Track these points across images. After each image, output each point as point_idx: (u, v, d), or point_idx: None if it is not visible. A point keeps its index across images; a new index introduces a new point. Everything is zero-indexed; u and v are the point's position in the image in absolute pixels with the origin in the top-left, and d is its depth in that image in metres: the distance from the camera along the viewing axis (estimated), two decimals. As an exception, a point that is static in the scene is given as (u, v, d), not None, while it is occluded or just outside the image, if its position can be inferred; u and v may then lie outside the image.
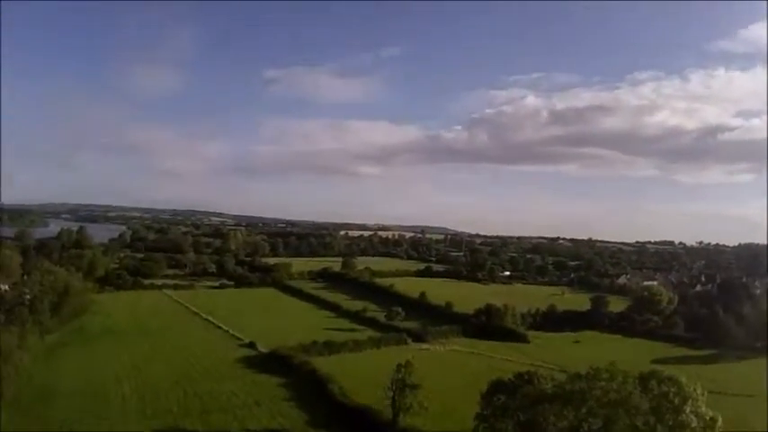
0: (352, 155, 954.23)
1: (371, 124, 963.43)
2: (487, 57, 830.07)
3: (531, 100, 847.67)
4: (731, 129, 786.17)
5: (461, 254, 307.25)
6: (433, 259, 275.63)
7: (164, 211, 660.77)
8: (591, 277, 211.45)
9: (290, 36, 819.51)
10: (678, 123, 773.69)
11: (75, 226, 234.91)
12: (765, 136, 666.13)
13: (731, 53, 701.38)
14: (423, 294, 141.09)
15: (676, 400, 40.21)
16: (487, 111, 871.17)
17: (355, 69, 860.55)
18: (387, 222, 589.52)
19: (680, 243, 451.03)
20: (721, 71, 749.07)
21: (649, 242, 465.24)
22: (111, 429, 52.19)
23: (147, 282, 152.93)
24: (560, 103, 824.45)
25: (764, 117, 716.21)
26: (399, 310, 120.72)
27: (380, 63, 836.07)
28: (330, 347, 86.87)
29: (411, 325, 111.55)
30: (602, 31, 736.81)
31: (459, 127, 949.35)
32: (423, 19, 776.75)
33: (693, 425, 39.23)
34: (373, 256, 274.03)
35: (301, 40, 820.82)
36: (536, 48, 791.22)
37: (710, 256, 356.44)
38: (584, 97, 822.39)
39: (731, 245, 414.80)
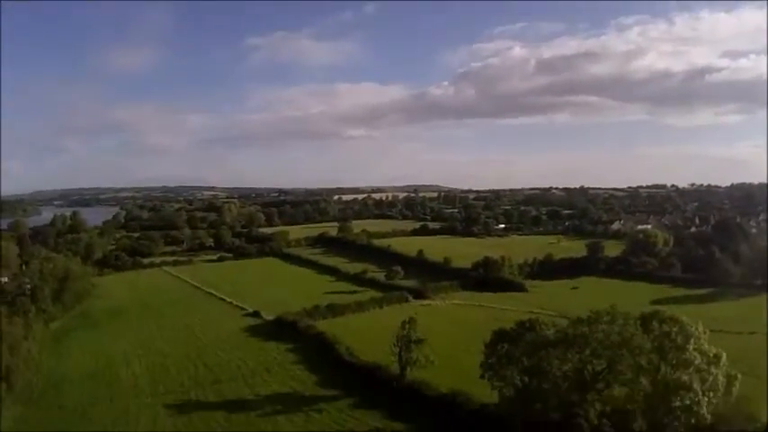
0: (341, 118, 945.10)
1: (357, 86, 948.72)
2: (471, 9, 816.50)
3: (518, 51, 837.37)
4: (718, 70, 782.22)
5: (455, 210, 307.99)
6: (428, 217, 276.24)
7: (155, 188, 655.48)
8: (585, 224, 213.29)
9: (268, 2, 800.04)
10: (665, 66, 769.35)
11: (68, 211, 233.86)
12: (752, 76, 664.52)
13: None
14: (420, 252, 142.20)
15: (679, 339, 40.77)
16: (474, 64, 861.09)
17: (336, 30, 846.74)
18: (379, 184, 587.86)
19: (672, 186, 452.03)
20: (706, 13, 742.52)
21: (641, 186, 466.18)
22: (126, 410, 53.20)
23: (146, 261, 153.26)
24: (547, 52, 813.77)
25: (752, 57, 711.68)
26: (399, 269, 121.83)
27: (361, 22, 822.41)
28: (334, 310, 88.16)
29: (411, 283, 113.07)
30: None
31: (446, 83, 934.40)
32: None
33: (697, 362, 39.78)
34: (368, 218, 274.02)
35: (280, 5, 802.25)
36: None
37: (703, 197, 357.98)
38: (570, 45, 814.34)
39: (723, 185, 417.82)
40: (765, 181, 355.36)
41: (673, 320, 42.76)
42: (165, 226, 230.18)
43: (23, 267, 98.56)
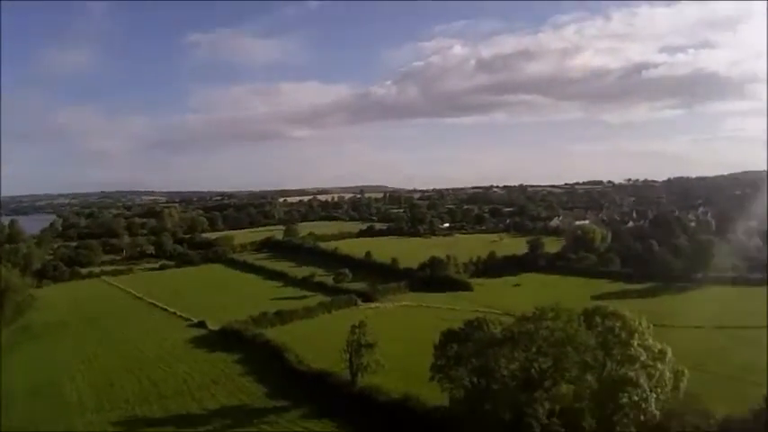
0: (284, 118, 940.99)
1: (300, 85, 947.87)
2: (413, 7, 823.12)
3: (458, 49, 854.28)
4: (655, 65, 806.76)
5: (401, 210, 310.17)
6: (375, 218, 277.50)
7: (92, 194, 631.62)
8: (525, 222, 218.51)
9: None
10: (602, 64, 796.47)
11: (6, 220, 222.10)
12: (690, 71, 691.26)
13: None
14: (368, 254, 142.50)
15: (623, 335, 41.72)
16: (416, 63, 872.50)
17: (279, 28, 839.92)
18: (325, 185, 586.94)
19: (608, 182, 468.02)
20: (644, 8, 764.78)
21: (578, 183, 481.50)
22: (71, 429, 51.21)
23: (84, 271, 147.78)
24: (486, 50, 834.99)
25: (690, 51, 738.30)
26: (347, 272, 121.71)
27: (304, 19, 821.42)
28: (282, 317, 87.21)
29: (359, 286, 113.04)
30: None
31: (389, 82, 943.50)
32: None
33: (643, 358, 40.68)
34: (315, 220, 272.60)
35: (222, 2, 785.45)
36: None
37: (640, 192, 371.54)
38: (509, 43, 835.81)
39: (660, 180, 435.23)
40: (702, 174, 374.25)
41: (615, 316, 43.53)
42: (104, 233, 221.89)
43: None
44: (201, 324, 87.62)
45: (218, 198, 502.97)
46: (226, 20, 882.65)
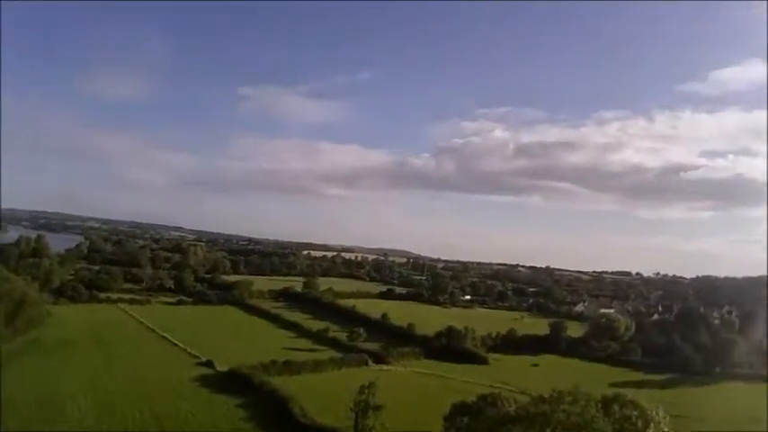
0: (320, 176, 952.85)
1: (341, 147, 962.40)
2: (459, 88, 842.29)
3: (499, 133, 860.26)
4: (695, 167, 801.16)
5: (423, 277, 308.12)
6: (396, 282, 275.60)
7: (123, 222, 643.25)
8: (549, 304, 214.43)
9: (265, 54, 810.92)
10: (641, 161, 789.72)
11: (33, 234, 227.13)
12: (728, 175, 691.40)
13: (699, 95, 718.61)
14: (384, 315, 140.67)
15: (639, 423, 40.48)
16: (455, 140, 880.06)
17: (329, 91, 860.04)
18: (350, 244, 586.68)
19: (637, 273, 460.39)
20: (688, 113, 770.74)
21: (606, 272, 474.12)
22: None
23: (102, 295, 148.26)
24: (527, 136, 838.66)
25: (730, 157, 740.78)
26: (361, 330, 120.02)
27: (354, 86, 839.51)
28: (290, 367, 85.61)
29: (373, 346, 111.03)
30: (569, 70, 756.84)
31: (427, 154, 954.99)
32: (399, 44, 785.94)
33: (657, 447, 39.60)
34: (336, 276, 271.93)
35: (277, 59, 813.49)
36: (507, 83, 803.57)
37: (667, 286, 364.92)
38: (550, 133, 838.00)
39: (688, 276, 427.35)
40: (731, 275, 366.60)
41: (633, 404, 42.49)
42: (127, 262, 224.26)
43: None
44: (209, 363, 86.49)
45: (244, 242, 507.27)
46: (278, 78, 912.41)
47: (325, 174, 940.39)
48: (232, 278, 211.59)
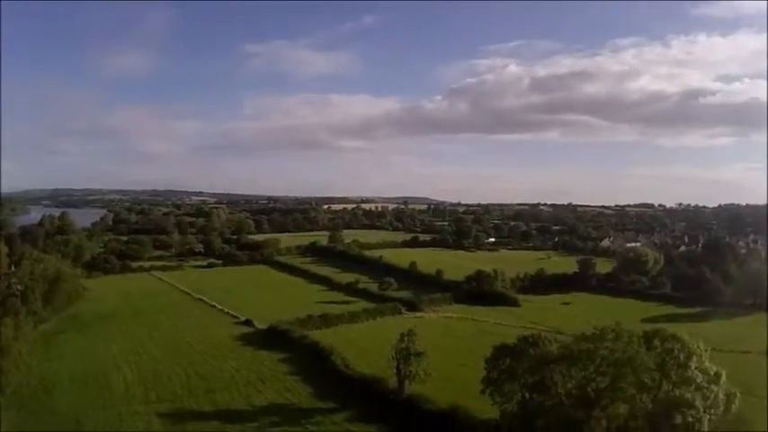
0: (334, 129, 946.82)
1: (352, 97, 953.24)
2: (468, 25, 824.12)
3: (513, 68, 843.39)
4: (712, 93, 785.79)
5: (446, 223, 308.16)
6: (418, 229, 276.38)
7: (143, 192, 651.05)
8: (575, 241, 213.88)
9: (268, 9, 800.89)
10: (659, 88, 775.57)
11: (56, 212, 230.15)
12: (745, 99, 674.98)
13: (712, 18, 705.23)
14: (413, 264, 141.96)
15: (681, 357, 40.96)
16: (468, 80, 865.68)
17: (335, 42, 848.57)
18: (369, 194, 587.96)
19: (660, 205, 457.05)
20: (702, 37, 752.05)
21: (629, 205, 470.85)
22: (119, 418, 51.87)
23: (135, 264, 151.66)
24: (542, 70, 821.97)
25: (746, 80, 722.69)
26: (391, 280, 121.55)
27: (359, 34, 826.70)
28: (327, 320, 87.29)
29: (403, 294, 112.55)
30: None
31: (440, 97, 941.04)
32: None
33: (699, 380, 40.00)
34: (358, 228, 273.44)
35: (280, 13, 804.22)
36: (517, 15, 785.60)
37: (690, 217, 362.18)
38: (565, 64, 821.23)
39: (711, 206, 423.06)
40: (753, 202, 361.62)
41: (675, 339, 42.83)
42: (154, 230, 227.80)
43: (13, 268, 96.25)
44: (248, 322, 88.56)
45: (264, 202, 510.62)
46: (283, 32, 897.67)
47: (339, 126, 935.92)
48: (258, 237, 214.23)
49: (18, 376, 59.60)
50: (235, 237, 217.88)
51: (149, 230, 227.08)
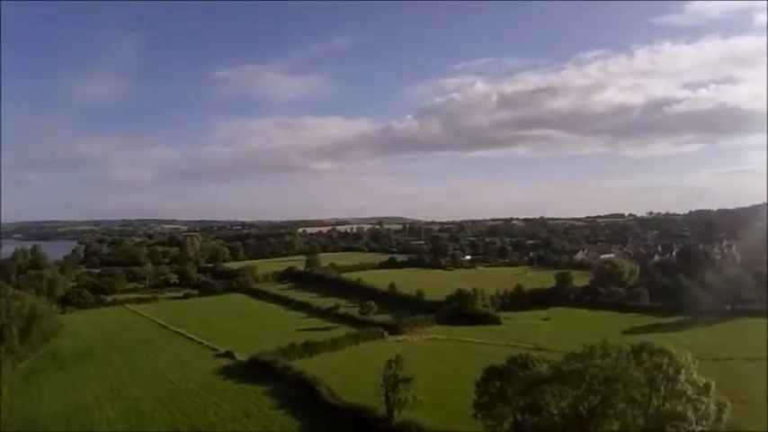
0: (306, 151, 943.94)
1: (324, 119, 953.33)
2: (435, 44, 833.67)
3: (480, 86, 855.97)
4: (678, 101, 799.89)
5: (422, 242, 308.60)
6: (395, 249, 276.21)
7: (113, 221, 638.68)
8: (550, 255, 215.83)
9: (239, 34, 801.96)
10: (625, 100, 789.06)
11: (28, 245, 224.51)
12: (712, 106, 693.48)
13: (677, 26, 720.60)
14: (392, 285, 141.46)
15: (670, 371, 41.37)
16: (437, 99, 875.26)
17: (306, 64, 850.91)
18: (343, 216, 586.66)
19: (630, 215, 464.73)
20: (667, 45, 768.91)
21: (599, 216, 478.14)
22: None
23: (109, 298, 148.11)
24: (509, 87, 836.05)
25: (711, 87, 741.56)
26: (372, 303, 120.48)
27: (329, 57, 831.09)
28: (309, 349, 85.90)
29: (385, 318, 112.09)
30: (548, 13, 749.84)
31: (411, 116, 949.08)
32: (369, 10, 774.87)
33: (689, 392, 40.39)
34: (335, 251, 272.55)
35: (251, 38, 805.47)
36: (483, 33, 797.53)
37: (662, 225, 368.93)
38: (531, 80, 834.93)
39: (682, 213, 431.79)
40: (724, 207, 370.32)
41: (663, 352, 43.26)
42: (127, 261, 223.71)
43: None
44: (229, 354, 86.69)
45: (238, 227, 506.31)
46: (253, 57, 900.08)
47: (312, 149, 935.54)
48: (233, 265, 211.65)
49: (2, 417, 57.66)
50: (210, 265, 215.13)
51: (122, 262, 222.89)
